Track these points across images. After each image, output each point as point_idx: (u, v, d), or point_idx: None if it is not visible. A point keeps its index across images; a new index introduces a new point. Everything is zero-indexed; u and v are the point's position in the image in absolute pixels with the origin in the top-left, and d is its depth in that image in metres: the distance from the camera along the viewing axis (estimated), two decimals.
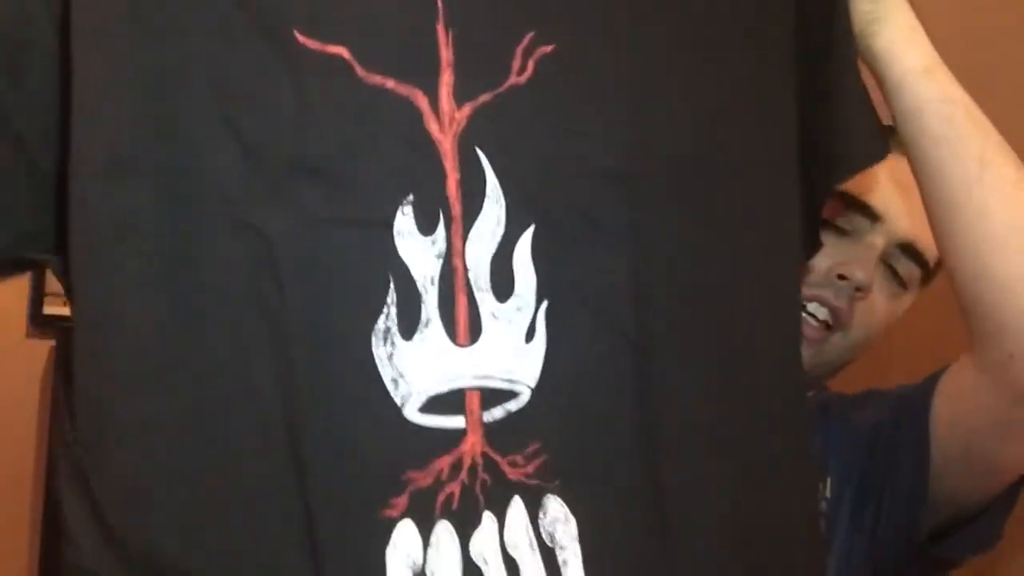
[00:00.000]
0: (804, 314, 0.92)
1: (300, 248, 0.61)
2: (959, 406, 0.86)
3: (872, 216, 0.94)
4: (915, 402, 0.90)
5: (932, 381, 0.90)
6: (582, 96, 0.68)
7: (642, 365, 0.68)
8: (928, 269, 0.96)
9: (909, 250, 0.95)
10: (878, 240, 0.94)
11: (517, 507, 0.65)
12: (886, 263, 0.95)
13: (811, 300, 0.94)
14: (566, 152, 0.68)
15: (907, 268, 0.95)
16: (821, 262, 0.92)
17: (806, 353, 0.90)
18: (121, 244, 0.59)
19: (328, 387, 0.60)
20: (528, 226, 0.66)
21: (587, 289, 0.68)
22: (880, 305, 0.96)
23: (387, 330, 0.62)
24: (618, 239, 0.68)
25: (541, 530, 0.65)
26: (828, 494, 0.93)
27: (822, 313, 0.95)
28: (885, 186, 0.93)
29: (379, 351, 0.62)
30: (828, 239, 0.87)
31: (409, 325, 0.63)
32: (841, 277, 0.93)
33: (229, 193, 0.60)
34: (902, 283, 0.96)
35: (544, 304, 0.67)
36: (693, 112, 0.70)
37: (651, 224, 0.69)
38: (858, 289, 0.93)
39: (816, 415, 0.98)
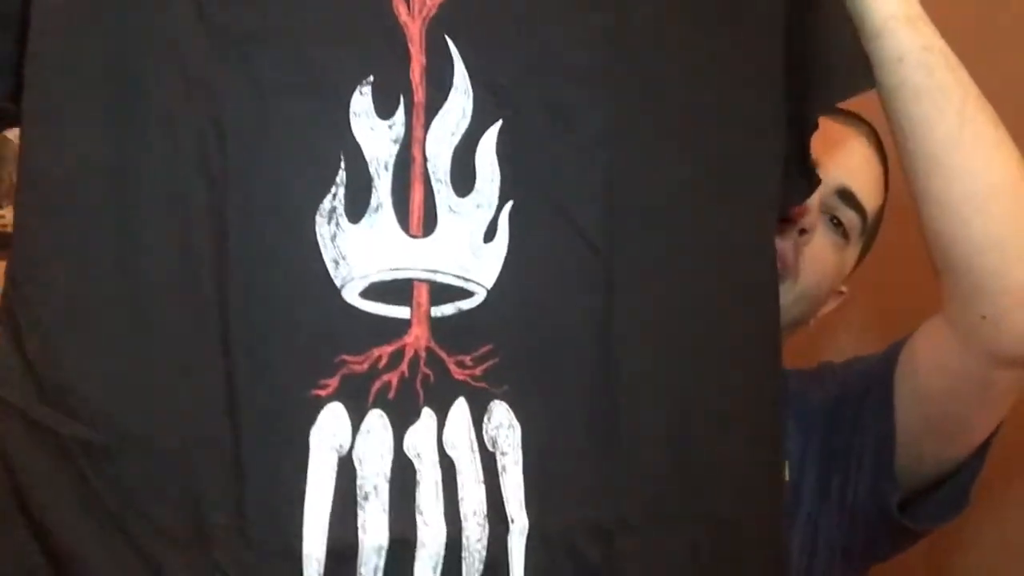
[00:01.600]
0: None
1: (249, 114, 0.60)
2: (930, 369, 0.84)
3: None
4: (880, 369, 0.89)
5: (896, 348, 0.89)
6: None
7: (606, 274, 0.66)
8: (866, 218, 0.97)
9: (846, 196, 0.95)
10: None
11: (460, 407, 0.63)
12: (828, 214, 0.95)
13: None
14: (544, 49, 0.65)
15: (847, 216, 0.95)
16: None
17: None
18: (71, 92, 0.59)
19: (262, 258, 0.59)
20: (495, 121, 0.64)
21: (556, 191, 0.65)
22: (825, 254, 0.96)
23: (333, 210, 0.61)
24: (593, 142, 0.66)
25: (484, 434, 0.63)
26: (787, 476, 0.91)
27: None
28: (817, 139, 0.92)
29: (322, 230, 0.61)
30: None
31: (358, 208, 0.62)
32: (785, 220, 0.92)
33: (183, 53, 0.60)
34: (844, 234, 0.96)
35: (509, 204, 0.64)
36: (679, 30, 0.68)
37: (627, 129, 0.66)
38: (802, 231, 0.93)
39: None
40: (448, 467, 0.63)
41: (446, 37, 0.64)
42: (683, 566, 0.64)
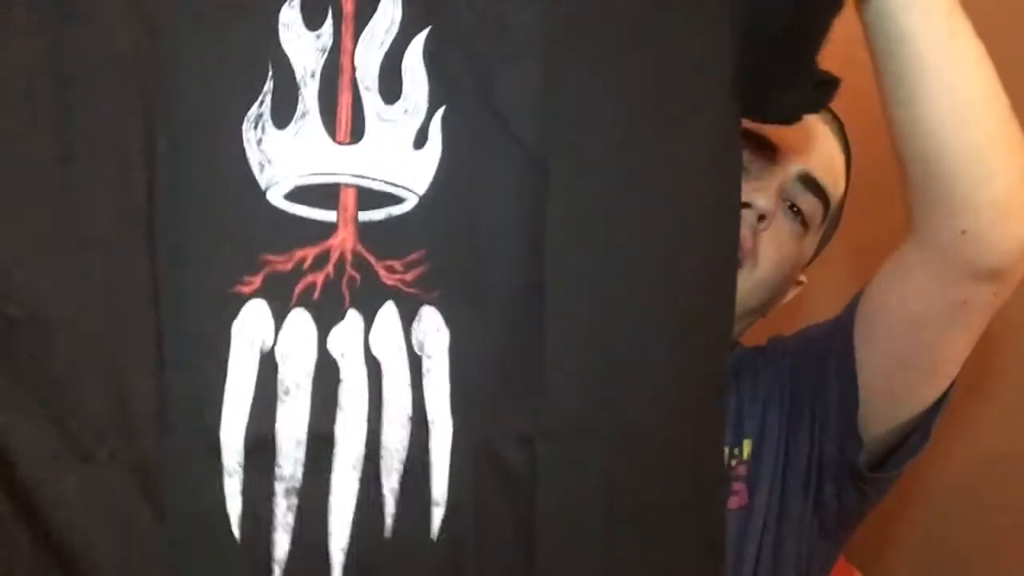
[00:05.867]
0: None
1: (181, 28, 0.62)
2: (900, 300, 0.84)
3: (768, 147, 0.94)
4: (839, 326, 0.89)
5: (854, 301, 0.89)
6: None
7: (541, 182, 0.65)
8: (829, 206, 0.96)
9: (808, 181, 0.95)
10: (776, 170, 0.95)
11: (389, 311, 0.64)
12: (788, 201, 0.95)
13: None
14: None
15: (808, 203, 0.95)
16: None
17: None
18: (7, 18, 0.62)
19: (188, 159, 0.61)
20: (424, 28, 0.65)
21: (490, 98, 0.65)
22: (785, 241, 0.95)
23: (260, 116, 0.63)
24: (530, 49, 0.66)
25: (412, 337, 0.64)
26: (746, 456, 0.92)
27: None
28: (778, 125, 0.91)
29: (249, 134, 0.63)
30: None
31: (284, 115, 0.63)
32: (744, 205, 0.91)
33: None
34: (804, 222, 0.96)
35: (441, 110, 0.65)
36: None
37: (566, 38, 0.66)
38: (761, 217, 0.93)
39: (727, 377, 0.95)
40: (374, 368, 0.64)
41: None
42: (599, 473, 0.63)
